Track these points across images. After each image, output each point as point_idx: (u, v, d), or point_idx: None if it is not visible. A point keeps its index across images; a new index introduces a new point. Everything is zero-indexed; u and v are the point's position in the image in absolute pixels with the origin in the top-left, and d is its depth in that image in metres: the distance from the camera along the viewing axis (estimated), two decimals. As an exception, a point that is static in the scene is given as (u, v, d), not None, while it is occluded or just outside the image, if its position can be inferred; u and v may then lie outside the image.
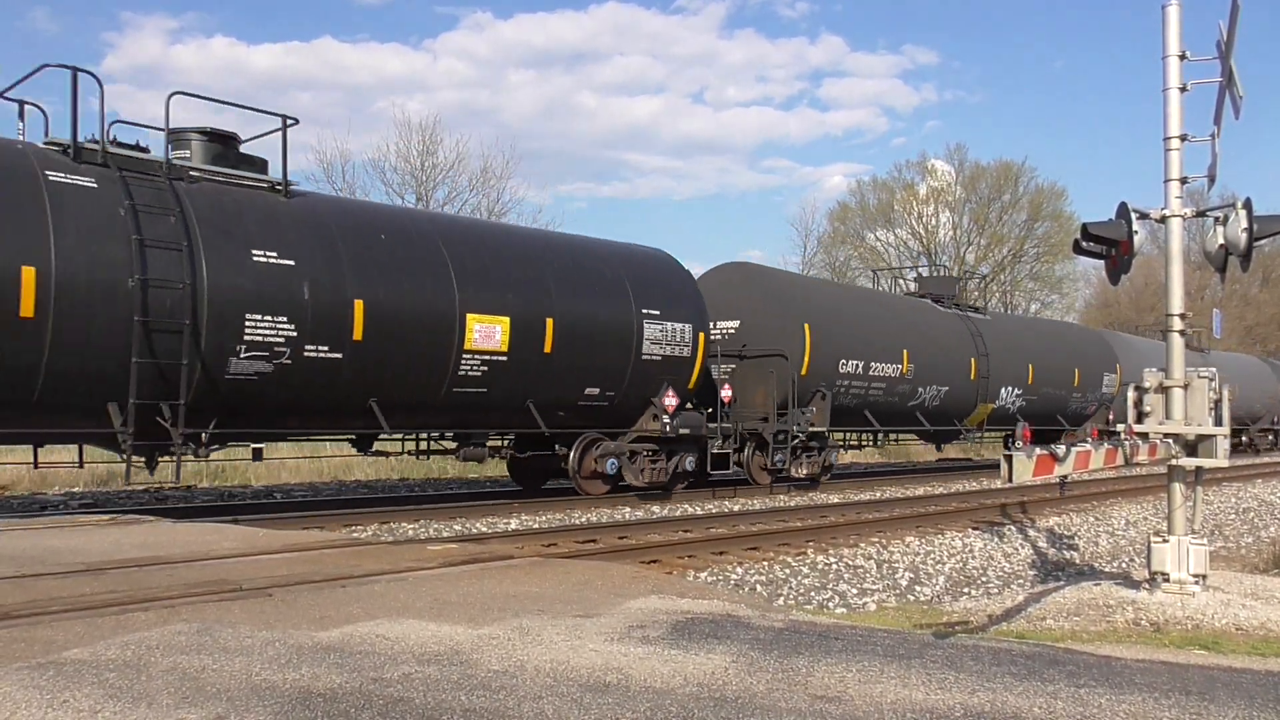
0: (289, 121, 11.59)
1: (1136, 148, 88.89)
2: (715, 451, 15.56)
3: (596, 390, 14.06)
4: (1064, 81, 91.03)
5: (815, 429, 16.89)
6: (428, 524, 11.82)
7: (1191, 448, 7.01)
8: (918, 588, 9.39)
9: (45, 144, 10.33)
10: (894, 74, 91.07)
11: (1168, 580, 6.84)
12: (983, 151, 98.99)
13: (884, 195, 51.97)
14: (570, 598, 5.58)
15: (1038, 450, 5.51)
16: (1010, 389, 22.47)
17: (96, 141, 10.36)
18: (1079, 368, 25.01)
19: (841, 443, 20.17)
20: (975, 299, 25.07)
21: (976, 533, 12.26)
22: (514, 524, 12.02)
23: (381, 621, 4.82)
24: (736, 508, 14.43)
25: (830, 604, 8.44)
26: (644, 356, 14.40)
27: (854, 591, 8.94)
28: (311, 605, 5.22)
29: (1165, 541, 6.90)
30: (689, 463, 15.19)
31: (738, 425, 16.22)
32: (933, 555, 10.79)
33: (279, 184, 11.49)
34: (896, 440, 23.10)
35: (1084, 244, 7.26)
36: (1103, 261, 7.42)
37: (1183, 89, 6.95)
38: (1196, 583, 6.81)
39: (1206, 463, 6.98)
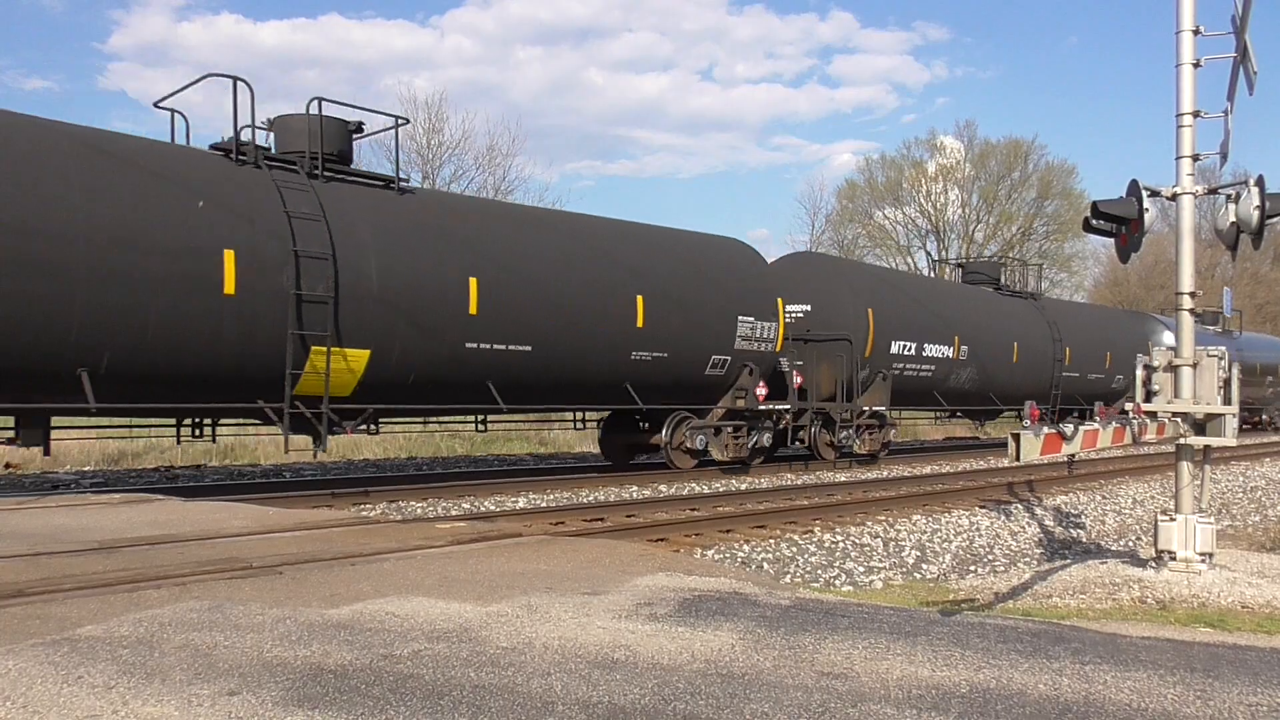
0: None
1: (1148, 125, 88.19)
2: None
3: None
4: (1075, 58, 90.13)
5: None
6: (436, 502, 11.88)
7: (1200, 426, 7.01)
8: (924, 566, 9.42)
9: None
10: (904, 50, 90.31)
11: (1174, 558, 6.85)
12: (993, 129, 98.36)
13: (893, 173, 51.68)
14: (578, 575, 5.61)
15: (1045, 429, 5.50)
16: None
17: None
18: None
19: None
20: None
21: (983, 511, 12.28)
22: (521, 502, 12.07)
23: (391, 599, 4.86)
24: (744, 486, 14.49)
25: (837, 582, 8.47)
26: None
27: (861, 569, 8.96)
28: (321, 583, 5.26)
29: (1172, 520, 6.92)
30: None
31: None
32: (939, 534, 10.81)
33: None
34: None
35: (1094, 222, 7.24)
36: (1112, 240, 7.40)
37: (1196, 64, 6.88)
38: (1203, 561, 6.82)
39: (1215, 441, 6.98)
